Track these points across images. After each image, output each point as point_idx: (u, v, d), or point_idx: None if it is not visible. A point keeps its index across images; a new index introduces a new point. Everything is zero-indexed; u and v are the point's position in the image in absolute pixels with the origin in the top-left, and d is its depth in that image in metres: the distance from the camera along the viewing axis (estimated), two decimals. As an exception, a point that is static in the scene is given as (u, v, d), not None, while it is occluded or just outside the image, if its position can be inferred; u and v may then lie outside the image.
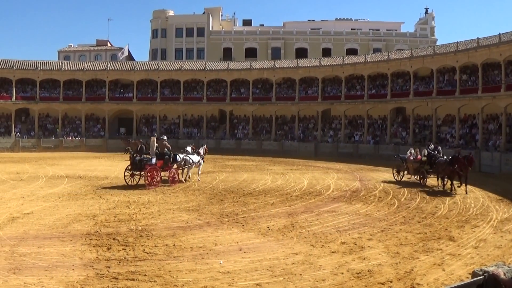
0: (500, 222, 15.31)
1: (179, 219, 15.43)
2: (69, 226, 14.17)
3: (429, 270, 10.50)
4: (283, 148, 47.45)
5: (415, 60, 43.50)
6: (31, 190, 20.99)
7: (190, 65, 55.27)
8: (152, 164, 22.33)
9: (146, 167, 22.19)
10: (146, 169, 22.10)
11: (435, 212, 16.85)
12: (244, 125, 52.57)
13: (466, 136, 38.91)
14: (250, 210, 16.99)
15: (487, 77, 38.14)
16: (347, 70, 48.49)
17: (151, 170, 22.15)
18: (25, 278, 9.58)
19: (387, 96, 45.51)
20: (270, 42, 66.52)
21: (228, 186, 23.28)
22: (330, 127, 49.77)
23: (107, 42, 73.50)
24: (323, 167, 33.78)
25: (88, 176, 26.62)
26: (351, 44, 65.90)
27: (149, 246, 12.04)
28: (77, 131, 52.12)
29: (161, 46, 67.89)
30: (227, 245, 12.34)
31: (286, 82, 52.64)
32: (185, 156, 24.64)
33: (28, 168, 30.85)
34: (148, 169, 22.08)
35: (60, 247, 11.83)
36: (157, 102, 52.91)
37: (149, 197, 19.57)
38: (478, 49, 37.78)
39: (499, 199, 19.86)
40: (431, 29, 66.80)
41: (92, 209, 16.75)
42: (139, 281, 9.58)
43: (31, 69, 51.44)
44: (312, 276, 10.01)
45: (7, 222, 14.41)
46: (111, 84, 53.66)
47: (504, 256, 11.51)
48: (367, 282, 9.70)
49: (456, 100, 39.47)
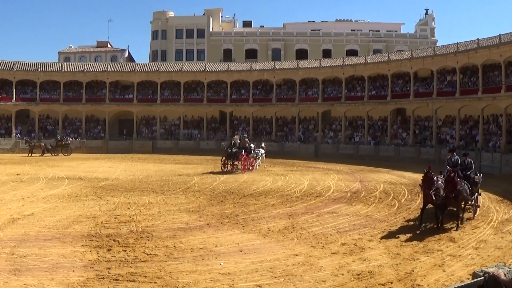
0: (500, 223, 15.31)
1: (180, 220, 15.43)
2: (70, 227, 14.17)
3: (430, 271, 10.51)
4: (283, 149, 47.42)
5: (415, 61, 43.47)
6: (31, 192, 20.99)
7: (191, 66, 55.26)
8: (243, 155, 30.33)
9: (240, 157, 30.28)
10: (241, 158, 30.28)
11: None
12: (245, 126, 52.55)
13: (467, 137, 38.91)
14: (251, 211, 16.99)
15: (487, 78, 38.11)
16: (347, 71, 48.47)
17: (244, 159, 30.39)
18: (25, 280, 9.59)
19: (387, 97, 45.49)
20: (270, 43, 66.50)
21: (229, 187, 23.27)
22: (331, 128, 49.76)
23: (107, 43, 73.45)
24: (323, 168, 33.77)
25: (88, 178, 26.62)
26: (351, 45, 65.85)
27: (149, 248, 12.05)
28: (78, 133, 52.09)
29: (161, 47, 67.88)
30: (227, 247, 12.35)
31: (287, 83, 52.65)
32: (257, 149, 33.11)
33: (28, 169, 30.85)
34: (243, 158, 30.27)
35: (60, 249, 11.83)
36: (158, 104, 52.89)
37: (150, 199, 19.58)
38: (478, 50, 37.75)
39: (499, 200, 19.84)
40: (431, 30, 66.76)
41: (93, 211, 16.75)
42: (139, 283, 9.59)
43: (32, 70, 51.43)
44: (313, 277, 10.01)
45: (8, 224, 14.42)
46: (112, 86, 53.63)
47: (504, 257, 11.51)
48: (368, 283, 9.71)
49: (456, 101, 39.44)
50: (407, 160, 38.56)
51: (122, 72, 53.60)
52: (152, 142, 50.99)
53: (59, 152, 44.37)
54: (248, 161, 30.93)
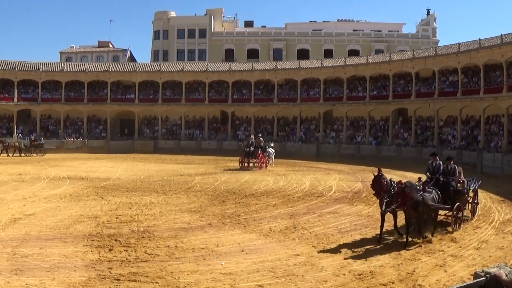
0: (502, 223, 15.28)
1: (181, 220, 15.44)
2: (71, 227, 14.19)
3: (431, 271, 10.50)
4: (285, 149, 47.36)
5: (417, 61, 43.43)
6: (33, 191, 21.02)
7: (192, 66, 55.27)
8: (259, 153, 33.21)
9: (257, 155, 33.19)
10: (258, 156, 33.19)
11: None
12: (246, 127, 52.55)
13: (468, 137, 38.87)
14: (252, 211, 16.99)
15: (489, 78, 38.05)
16: (349, 71, 48.44)
17: (261, 157, 33.15)
18: (27, 279, 9.60)
19: (389, 97, 45.45)
20: (272, 43, 66.49)
21: (230, 187, 23.28)
22: (332, 128, 49.73)
23: (109, 43, 73.46)
24: (325, 168, 33.76)
25: (90, 178, 26.64)
26: (353, 45, 65.79)
27: (151, 248, 12.06)
28: (79, 133, 52.12)
29: (163, 47, 67.88)
30: (229, 247, 12.36)
31: (288, 83, 52.62)
32: (269, 149, 34.93)
33: (30, 169, 30.88)
34: (260, 157, 33.14)
35: (62, 248, 11.85)
36: (159, 104, 52.89)
37: (151, 199, 19.59)
38: (480, 50, 37.70)
39: (501, 200, 19.81)
40: (433, 30, 66.69)
41: (94, 211, 16.77)
42: (141, 282, 9.59)
43: (33, 70, 51.46)
44: (314, 278, 10.01)
45: (9, 223, 14.44)
46: (113, 86, 53.64)
47: (506, 257, 11.50)
48: (369, 284, 9.70)
49: (458, 101, 39.40)
50: (409, 160, 38.49)
51: (124, 72, 53.62)
52: (153, 142, 50.99)
53: (33, 152, 43.49)
54: (264, 159, 33.54)
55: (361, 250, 11.96)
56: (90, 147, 49.35)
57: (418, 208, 12.83)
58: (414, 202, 12.69)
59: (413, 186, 13.19)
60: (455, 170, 15.05)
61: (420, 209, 12.91)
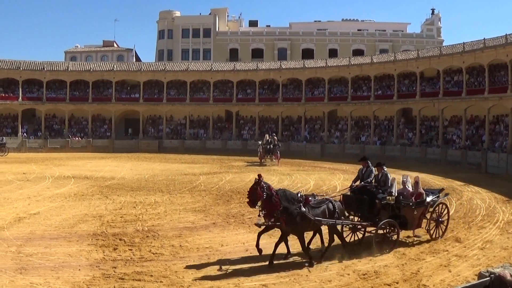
0: (506, 223, 15.24)
1: (186, 219, 15.46)
2: (76, 226, 14.23)
3: (436, 271, 10.48)
4: (289, 148, 47.33)
5: (422, 61, 43.33)
6: (37, 191, 21.09)
7: (197, 65, 55.30)
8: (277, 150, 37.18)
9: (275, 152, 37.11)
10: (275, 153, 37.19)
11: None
12: (251, 126, 52.55)
13: (473, 137, 38.75)
14: (257, 211, 16.97)
15: (493, 78, 37.91)
16: (354, 71, 48.37)
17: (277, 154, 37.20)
18: (31, 278, 9.64)
19: (393, 97, 45.36)
20: (277, 43, 66.47)
21: (235, 186, 23.29)
22: (337, 128, 49.67)
23: (114, 43, 73.60)
24: (329, 168, 33.73)
25: (94, 177, 26.70)
26: (358, 45, 65.72)
27: (155, 247, 12.08)
28: (84, 132, 52.26)
29: (168, 47, 67.98)
30: (233, 246, 12.37)
31: (293, 83, 52.59)
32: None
33: (34, 168, 30.98)
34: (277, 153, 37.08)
35: (66, 248, 11.88)
36: (164, 103, 52.94)
37: (156, 198, 19.62)
38: (485, 50, 37.57)
39: (505, 200, 19.74)
40: (438, 29, 66.51)
41: (99, 210, 16.81)
42: (145, 282, 9.61)
43: (38, 69, 51.60)
44: (318, 277, 10.01)
45: (14, 222, 14.49)
46: (118, 85, 53.73)
47: (510, 257, 11.47)
48: (373, 283, 9.70)
49: (463, 101, 39.28)
50: (413, 160, 38.44)
51: (128, 71, 53.71)
52: (158, 141, 51.06)
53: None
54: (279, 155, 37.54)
55: (366, 250, 11.92)
56: (94, 147, 49.48)
57: (293, 222, 10.80)
58: (284, 212, 10.66)
59: (286, 194, 11.05)
60: (386, 178, 12.68)
61: (297, 222, 10.86)
